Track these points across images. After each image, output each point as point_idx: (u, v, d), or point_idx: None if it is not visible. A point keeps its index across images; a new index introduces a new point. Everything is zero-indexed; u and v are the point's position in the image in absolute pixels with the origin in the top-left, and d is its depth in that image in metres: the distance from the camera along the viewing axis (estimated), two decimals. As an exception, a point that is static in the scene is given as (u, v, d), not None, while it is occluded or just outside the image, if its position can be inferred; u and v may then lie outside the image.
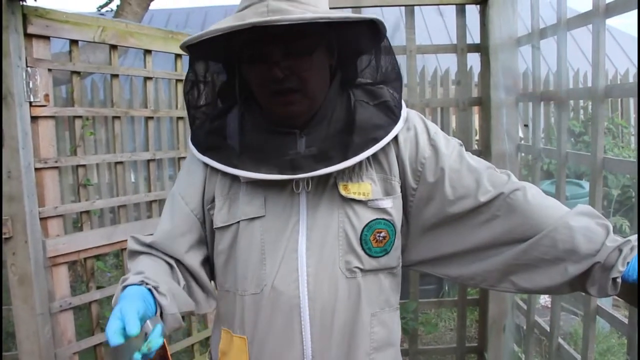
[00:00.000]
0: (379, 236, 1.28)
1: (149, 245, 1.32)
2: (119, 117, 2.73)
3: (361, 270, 1.28)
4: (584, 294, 1.31)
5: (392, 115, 1.30)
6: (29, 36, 2.20)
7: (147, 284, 1.15)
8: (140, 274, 1.18)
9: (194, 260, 1.34)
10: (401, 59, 3.02)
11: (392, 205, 1.31)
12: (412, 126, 1.35)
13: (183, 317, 1.24)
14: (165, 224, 1.35)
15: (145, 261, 1.29)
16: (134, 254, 1.34)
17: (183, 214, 1.34)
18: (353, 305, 1.27)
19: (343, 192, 1.27)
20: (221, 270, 1.35)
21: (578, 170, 5.96)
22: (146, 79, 2.84)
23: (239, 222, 1.29)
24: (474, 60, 3.16)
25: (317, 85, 1.25)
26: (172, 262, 1.31)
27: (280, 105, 1.23)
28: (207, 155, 1.30)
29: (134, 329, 0.99)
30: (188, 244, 1.33)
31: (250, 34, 1.15)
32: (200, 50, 1.27)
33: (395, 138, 1.31)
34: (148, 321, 1.05)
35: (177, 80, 2.95)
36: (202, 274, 1.35)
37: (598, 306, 2.16)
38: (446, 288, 4.73)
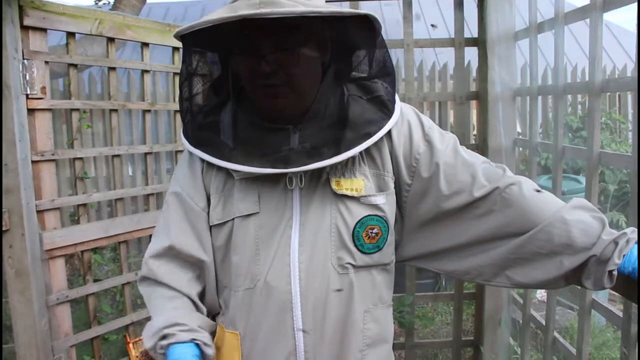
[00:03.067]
0: (372, 232, 1.28)
1: (167, 251, 1.32)
2: (116, 110, 2.72)
3: (353, 266, 1.28)
4: (579, 287, 1.31)
5: (386, 110, 1.28)
6: (25, 28, 2.19)
7: (195, 340, 1.22)
8: (182, 326, 1.22)
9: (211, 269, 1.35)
10: (399, 53, 3.04)
11: (385, 202, 1.30)
12: (406, 121, 1.34)
13: None
14: (179, 224, 1.33)
15: (171, 301, 1.30)
16: (148, 280, 1.34)
17: (195, 213, 1.33)
18: (345, 301, 1.27)
19: (335, 188, 1.26)
20: (219, 266, 1.35)
21: (575, 166, 5.96)
22: (144, 72, 2.83)
23: (233, 219, 1.29)
24: (473, 54, 3.15)
25: (306, 80, 1.23)
26: (193, 293, 1.32)
27: (266, 98, 1.22)
28: (199, 148, 1.29)
29: None
30: (209, 244, 1.33)
31: (240, 26, 1.14)
32: (193, 41, 1.26)
33: (389, 133, 1.31)
34: None
35: (175, 74, 2.93)
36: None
37: (594, 300, 2.17)
38: (443, 282, 4.75)
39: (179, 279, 1.31)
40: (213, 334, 1.36)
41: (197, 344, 1.21)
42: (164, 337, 1.21)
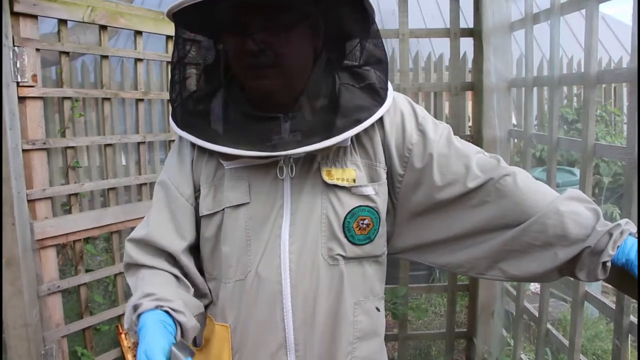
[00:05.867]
0: (363, 223, 1.27)
1: (144, 240, 1.28)
2: (109, 99, 2.70)
3: (344, 257, 1.26)
4: (572, 279, 1.30)
5: (378, 97, 1.26)
6: (15, 15, 2.17)
7: (162, 306, 1.14)
8: (151, 295, 1.16)
9: (188, 258, 1.31)
10: (394, 43, 3.02)
11: (377, 192, 1.28)
12: (399, 111, 1.32)
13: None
14: (160, 215, 1.31)
15: (150, 278, 1.25)
16: (133, 266, 1.30)
17: (178, 203, 1.31)
18: (335, 293, 1.26)
19: (326, 178, 1.25)
20: (208, 258, 1.33)
21: (570, 158, 5.97)
22: (137, 60, 2.81)
23: (224, 209, 1.27)
24: (469, 45, 3.14)
25: (296, 64, 1.21)
26: (173, 268, 1.28)
27: (253, 79, 1.20)
28: (187, 131, 1.26)
29: None
30: (187, 238, 1.30)
31: (229, 3, 1.13)
32: (184, 20, 1.24)
33: (382, 123, 1.29)
34: (173, 348, 1.07)
35: (168, 62, 2.90)
36: (196, 271, 1.32)
37: (587, 292, 2.17)
38: (437, 274, 4.75)
39: (160, 261, 1.27)
40: (203, 317, 1.34)
41: (165, 311, 1.14)
42: (135, 311, 1.15)
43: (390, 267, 1.42)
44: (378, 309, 1.36)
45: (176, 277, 1.27)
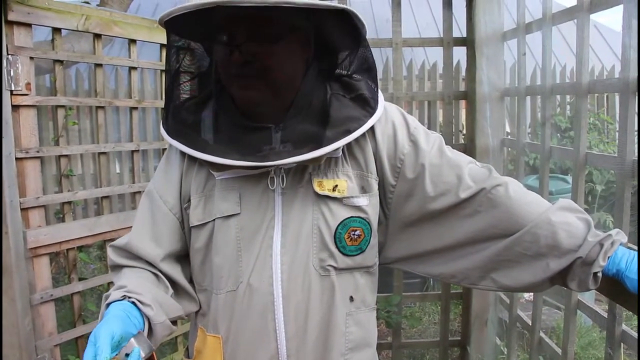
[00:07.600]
0: (354, 234, 1.26)
1: (124, 248, 1.29)
2: (102, 107, 2.70)
3: (335, 268, 1.26)
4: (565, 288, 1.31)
5: (368, 107, 1.26)
6: (9, 23, 2.16)
7: (129, 297, 1.13)
8: (122, 288, 1.16)
9: (170, 265, 1.30)
10: (388, 52, 3.03)
11: (368, 203, 1.28)
12: (390, 121, 1.32)
13: (175, 322, 1.25)
14: (142, 224, 1.31)
15: (128, 274, 1.25)
16: (116, 267, 1.30)
17: (162, 213, 1.31)
18: (327, 304, 1.26)
19: (317, 189, 1.24)
20: (198, 269, 1.33)
21: (564, 166, 5.99)
22: (131, 68, 2.81)
23: (214, 220, 1.27)
24: (462, 54, 3.15)
25: (282, 75, 1.20)
26: (155, 270, 1.28)
27: (238, 89, 1.20)
28: (177, 139, 1.26)
29: (103, 355, 1.00)
30: (166, 247, 1.30)
31: (217, 14, 1.12)
32: (174, 29, 1.24)
33: (373, 133, 1.29)
34: (132, 339, 1.05)
35: (162, 71, 2.91)
36: (181, 278, 1.32)
37: (579, 300, 2.18)
38: (431, 282, 4.75)
39: (141, 263, 1.28)
40: (194, 328, 1.34)
41: (132, 302, 1.13)
42: (105, 302, 1.15)
43: (384, 276, 1.42)
44: (370, 320, 1.35)
45: (156, 276, 1.27)
